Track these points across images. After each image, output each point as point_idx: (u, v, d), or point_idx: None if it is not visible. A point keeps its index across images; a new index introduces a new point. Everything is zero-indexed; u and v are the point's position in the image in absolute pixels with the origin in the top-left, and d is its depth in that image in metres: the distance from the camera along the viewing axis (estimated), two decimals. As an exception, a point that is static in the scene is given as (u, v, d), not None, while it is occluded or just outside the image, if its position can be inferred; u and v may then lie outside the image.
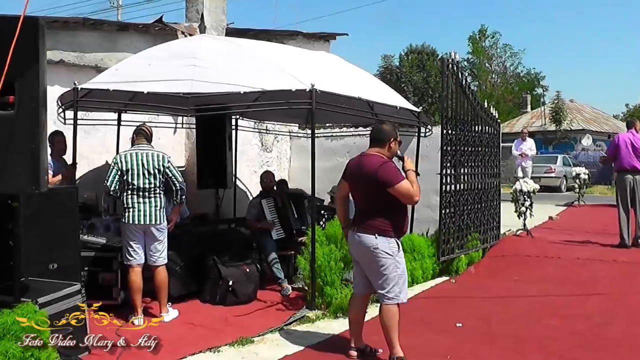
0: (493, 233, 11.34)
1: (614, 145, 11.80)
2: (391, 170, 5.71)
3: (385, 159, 5.82)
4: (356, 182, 5.95)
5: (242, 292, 8.11)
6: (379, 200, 5.75)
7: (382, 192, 5.70)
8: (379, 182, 5.67)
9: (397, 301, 5.75)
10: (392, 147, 5.92)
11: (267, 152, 13.27)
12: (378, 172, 5.68)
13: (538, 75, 72.27)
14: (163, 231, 7.25)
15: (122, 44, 10.84)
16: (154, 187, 7.16)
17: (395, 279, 5.75)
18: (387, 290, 5.74)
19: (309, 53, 10.36)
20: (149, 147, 7.33)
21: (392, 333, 5.73)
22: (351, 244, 5.99)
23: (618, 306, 7.92)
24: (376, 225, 5.73)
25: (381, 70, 55.35)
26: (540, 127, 51.31)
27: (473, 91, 10.76)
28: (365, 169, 5.81)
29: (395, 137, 5.96)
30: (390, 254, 5.72)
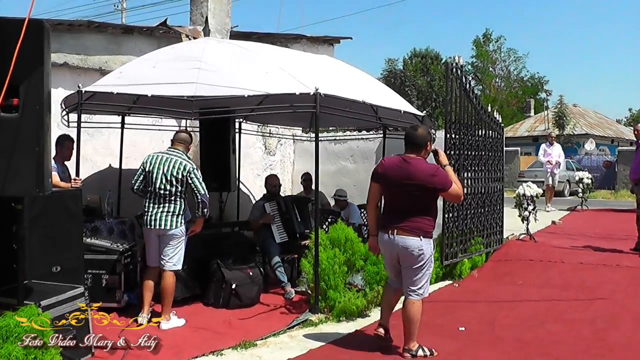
0: (496, 237, 11.33)
1: None
2: (444, 176, 5.99)
3: (436, 165, 6.06)
4: (398, 185, 6.04)
5: (246, 295, 8.10)
6: (425, 204, 6.00)
7: (431, 196, 5.99)
8: (436, 187, 5.92)
9: (423, 297, 6.08)
10: (428, 149, 6.13)
11: (270, 156, 13.29)
12: (434, 179, 5.90)
13: (542, 80, 72.38)
14: (176, 238, 7.17)
15: (127, 46, 10.85)
16: (170, 194, 7.11)
17: (427, 277, 6.08)
18: (419, 287, 6.06)
19: (312, 57, 10.38)
20: (177, 153, 7.25)
21: (415, 327, 6.05)
22: (389, 246, 6.12)
23: (622, 311, 7.90)
24: (421, 227, 5.97)
25: (385, 74, 55.41)
26: (543, 132, 51.27)
27: (477, 95, 10.76)
28: (416, 174, 5.93)
29: (430, 139, 6.16)
30: (430, 254, 6.04)
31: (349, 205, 10.68)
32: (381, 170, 6.20)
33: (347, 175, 12.50)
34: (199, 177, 7.17)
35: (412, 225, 5.95)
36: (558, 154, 19.13)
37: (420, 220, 5.97)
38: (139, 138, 10.07)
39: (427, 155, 6.16)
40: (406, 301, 6.10)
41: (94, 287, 7.19)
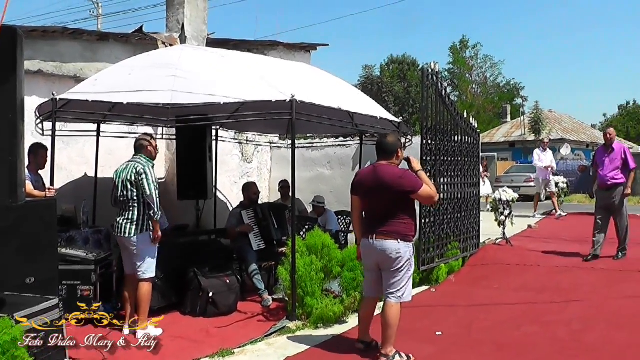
0: (473, 242, 11.38)
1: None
2: (413, 178, 6.13)
3: (404, 169, 6.20)
4: (372, 192, 6.21)
5: (223, 304, 8.09)
6: (399, 208, 6.10)
7: (404, 200, 6.11)
8: (405, 190, 6.05)
9: (403, 300, 6.16)
10: (399, 156, 6.29)
11: (247, 163, 13.26)
12: (402, 181, 6.05)
13: (518, 86, 72.98)
14: (137, 245, 7.08)
15: (102, 53, 10.79)
16: (128, 200, 7.07)
17: (407, 280, 6.16)
18: (398, 289, 6.14)
19: (289, 64, 10.38)
20: (135, 159, 7.22)
21: (393, 330, 6.09)
22: (369, 250, 6.25)
23: (597, 312, 7.98)
24: (398, 231, 6.08)
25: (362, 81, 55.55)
26: (519, 137, 51.71)
27: (453, 101, 10.82)
28: (385, 179, 6.10)
29: (400, 146, 6.37)
30: (409, 257, 6.13)
31: (326, 212, 10.69)
32: (356, 181, 6.41)
33: (324, 182, 12.51)
34: (149, 178, 7.02)
35: (390, 229, 6.07)
36: (551, 159, 19.06)
37: (397, 223, 6.08)
38: (115, 146, 10.00)
39: (400, 161, 6.31)
40: (385, 304, 6.17)
41: (69, 298, 7.12)
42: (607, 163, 10.99)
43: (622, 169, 10.95)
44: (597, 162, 11.24)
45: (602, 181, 11.00)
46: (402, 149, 6.40)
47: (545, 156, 18.85)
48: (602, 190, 11.06)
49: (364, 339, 6.48)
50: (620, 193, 10.90)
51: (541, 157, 18.88)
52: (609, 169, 10.94)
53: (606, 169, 10.96)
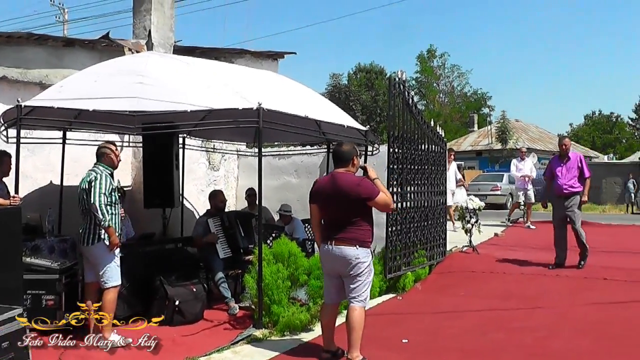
0: (439, 250, 11.44)
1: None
2: (369, 185, 6.24)
3: (360, 176, 6.30)
4: (330, 199, 6.31)
5: (189, 312, 8.05)
6: (357, 215, 6.20)
7: (362, 207, 6.19)
8: (362, 197, 6.14)
9: (364, 304, 6.27)
10: (355, 164, 6.40)
11: (214, 171, 13.22)
12: (359, 189, 6.15)
13: (485, 95, 73.58)
14: (95, 254, 7.02)
15: (68, 60, 10.69)
16: (86, 209, 7.01)
17: (368, 285, 6.27)
18: (360, 294, 6.24)
19: (256, 72, 10.37)
20: (93, 167, 7.17)
21: (358, 333, 6.16)
22: (328, 257, 6.34)
23: (562, 319, 8.07)
24: (357, 237, 6.19)
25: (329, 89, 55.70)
26: (486, 146, 52.08)
27: (420, 110, 10.88)
28: (342, 186, 6.21)
29: (356, 154, 6.44)
30: (368, 263, 6.22)
31: (293, 220, 10.68)
32: (315, 190, 6.51)
33: (291, 190, 12.50)
34: (97, 186, 6.88)
35: (348, 236, 6.18)
36: (530, 168, 18.84)
37: (355, 230, 6.19)
38: (81, 154, 9.87)
39: (356, 169, 6.43)
40: (349, 309, 6.24)
41: (33, 307, 7.02)
42: (564, 172, 11.12)
43: (578, 177, 11.10)
44: (552, 171, 11.34)
45: (560, 190, 11.10)
46: (358, 157, 6.51)
47: (523, 165, 18.68)
48: (560, 198, 11.16)
49: (329, 347, 6.50)
50: (577, 201, 11.05)
51: (518, 167, 18.73)
52: (567, 178, 11.07)
53: (564, 178, 11.08)
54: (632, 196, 29.33)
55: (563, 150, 11.30)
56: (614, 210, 30.30)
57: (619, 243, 14.86)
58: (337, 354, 6.44)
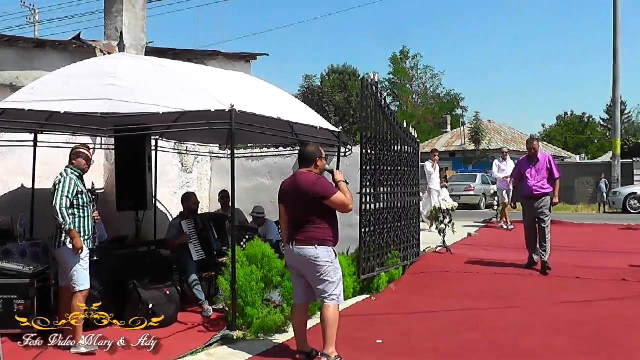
0: (413, 250, 11.47)
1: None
2: (326, 184, 6.32)
3: (318, 176, 6.35)
4: (292, 199, 6.40)
5: (163, 315, 8.00)
6: (316, 214, 6.26)
7: (320, 206, 6.24)
8: (318, 196, 6.20)
9: (338, 302, 6.30)
10: (319, 165, 6.45)
11: (187, 173, 13.17)
12: (316, 187, 6.22)
13: (458, 97, 73.85)
14: (62, 258, 6.94)
15: (39, 61, 10.61)
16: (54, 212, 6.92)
17: (337, 283, 6.30)
18: (330, 293, 6.28)
19: (229, 73, 10.36)
20: (63, 171, 7.07)
21: (333, 330, 6.23)
22: (291, 257, 6.42)
23: (535, 318, 8.15)
24: (315, 237, 6.24)
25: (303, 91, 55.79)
26: (460, 147, 52.35)
27: (393, 111, 10.91)
28: (301, 186, 6.30)
29: (320, 155, 6.49)
30: (330, 261, 6.24)
31: (266, 222, 10.67)
32: (281, 190, 6.60)
33: (265, 192, 12.44)
34: (59, 188, 6.81)
35: (307, 235, 6.26)
36: (512, 168, 17.44)
37: (313, 229, 6.27)
38: (53, 156, 9.78)
39: (320, 171, 6.48)
40: (322, 307, 6.30)
41: (5, 312, 6.97)
42: (533, 173, 11.13)
43: (548, 178, 11.14)
44: (521, 173, 11.36)
45: (530, 191, 11.11)
46: (322, 159, 6.55)
47: (505, 166, 18.29)
48: (531, 200, 11.17)
49: (303, 349, 6.52)
50: (548, 202, 11.07)
51: (501, 167, 18.47)
52: (537, 179, 11.10)
53: (533, 179, 11.10)
54: (604, 196, 29.61)
55: (532, 153, 11.30)
56: (587, 210, 30.59)
57: (592, 242, 15.05)
58: (311, 355, 6.45)
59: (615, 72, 30.85)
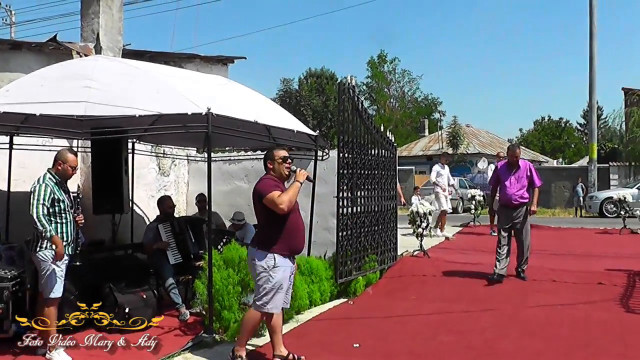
0: (390, 254, 11.50)
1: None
2: (263, 185, 6.26)
3: (267, 177, 6.35)
4: (253, 203, 6.40)
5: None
6: (261, 216, 6.32)
7: (261, 207, 6.22)
8: (259, 195, 6.20)
9: (262, 310, 6.25)
10: (274, 167, 6.40)
11: (164, 176, 13.12)
12: (256, 187, 6.26)
13: (435, 101, 74.10)
14: (38, 262, 6.80)
15: (15, 63, 10.55)
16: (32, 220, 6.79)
17: (265, 291, 6.20)
18: (257, 298, 6.30)
19: (206, 76, 10.34)
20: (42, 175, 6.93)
21: (242, 331, 6.47)
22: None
23: (510, 321, 8.24)
24: (257, 239, 6.38)
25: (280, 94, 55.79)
26: (438, 151, 52.50)
27: (370, 115, 10.95)
28: (253, 189, 6.33)
29: (271, 158, 6.44)
30: (265, 267, 6.17)
31: (245, 226, 10.63)
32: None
33: (242, 195, 12.40)
34: (34, 196, 6.66)
35: (254, 237, 6.51)
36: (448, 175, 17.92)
37: (260, 232, 6.46)
38: (28, 159, 9.72)
39: (279, 173, 6.39)
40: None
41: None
42: (512, 181, 10.63)
43: (527, 186, 10.67)
44: (500, 180, 10.83)
45: (508, 200, 10.59)
46: (275, 161, 6.39)
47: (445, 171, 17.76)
48: (509, 209, 10.63)
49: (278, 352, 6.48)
50: (526, 211, 10.62)
51: (440, 173, 17.73)
52: (516, 187, 10.59)
53: (513, 187, 10.59)
54: (581, 200, 29.86)
55: (514, 160, 10.71)
56: (564, 213, 30.83)
57: (568, 246, 15.19)
58: (287, 358, 6.43)
59: (592, 78, 31.23)
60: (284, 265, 6.24)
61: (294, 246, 6.38)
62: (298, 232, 6.40)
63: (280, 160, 6.38)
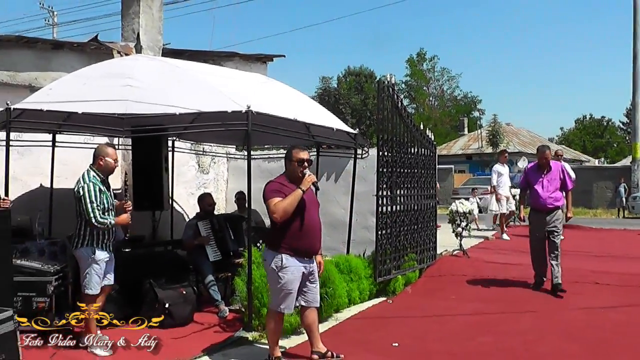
0: (429, 253, 11.44)
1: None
2: (268, 188, 6.28)
3: (275, 180, 6.39)
4: None
5: (179, 315, 8.02)
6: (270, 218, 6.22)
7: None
8: (263, 198, 6.20)
9: (275, 310, 6.27)
10: (289, 168, 6.41)
11: (204, 174, 13.21)
12: (263, 191, 6.24)
13: (475, 99, 73.55)
14: (77, 257, 6.97)
15: (57, 62, 10.66)
16: (77, 213, 6.90)
17: (274, 291, 6.27)
18: (271, 298, 6.44)
19: (245, 74, 10.39)
20: (85, 171, 7.02)
21: (269, 334, 6.46)
22: None
23: (550, 323, 8.11)
24: (268, 240, 6.36)
25: (319, 92, 55.86)
26: (477, 150, 52.17)
27: (409, 113, 10.89)
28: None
29: (288, 158, 6.45)
30: (274, 267, 6.17)
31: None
32: None
33: (282, 193, 12.47)
34: (87, 199, 6.74)
35: (266, 237, 6.51)
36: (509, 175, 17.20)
37: (270, 231, 6.40)
38: (70, 156, 9.86)
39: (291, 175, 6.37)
40: None
41: (24, 309, 6.99)
42: (545, 184, 9.98)
43: (559, 190, 10.04)
44: (530, 183, 10.20)
45: (541, 204, 9.97)
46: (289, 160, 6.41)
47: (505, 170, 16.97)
48: (541, 213, 9.99)
49: (316, 349, 6.50)
50: (560, 216, 10.06)
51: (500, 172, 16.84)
52: (549, 191, 9.94)
53: (545, 191, 9.94)
54: (623, 200, 29.43)
55: (544, 162, 10.05)
56: (606, 214, 30.40)
57: (610, 247, 14.93)
58: (325, 355, 6.43)
59: (635, 76, 30.76)
60: (294, 266, 6.18)
61: (307, 247, 6.31)
62: (311, 232, 6.32)
63: (296, 163, 6.33)
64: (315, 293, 6.48)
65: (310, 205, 6.31)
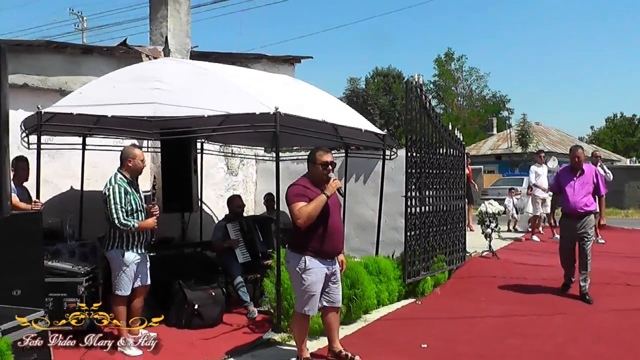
0: (459, 254, 11.39)
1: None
2: (291, 191, 6.24)
3: (298, 182, 6.32)
4: None
5: (208, 316, 8.07)
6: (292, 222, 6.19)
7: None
8: (286, 201, 6.18)
9: (299, 311, 6.29)
10: (313, 170, 6.34)
11: (233, 176, 13.26)
12: (286, 195, 6.22)
13: (503, 98, 73.03)
14: (109, 258, 7.10)
15: (86, 67, 10.75)
16: (105, 215, 6.99)
17: (299, 293, 6.28)
18: (295, 300, 6.45)
19: (273, 76, 10.40)
20: (114, 174, 7.13)
21: (295, 335, 6.55)
22: None
23: (581, 326, 8.04)
24: (291, 242, 6.33)
25: (347, 93, 55.72)
26: (506, 150, 51.82)
27: (438, 114, 10.85)
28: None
29: (312, 160, 6.37)
30: (297, 269, 6.18)
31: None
32: None
33: (310, 195, 12.50)
34: (111, 201, 6.85)
35: (289, 239, 6.46)
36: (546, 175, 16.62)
37: (292, 233, 6.36)
38: (100, 159, 9.95)
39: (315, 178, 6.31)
40: None
41: (55, 310, 7.07)
42: (577, 187, 9.56)
43: (592, 194, 9.64)
44: (561, 186, 9.78)
45: (572, 208, 9.54)
46: (313, 163, 6.34)
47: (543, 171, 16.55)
48: (572, 218, 9.57)
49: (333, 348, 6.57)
50: (591, 222, 9.68)
51: (538, 174, 16.48)
52: (581, 195, 9.52)
53: (577, 195, 9.52)
54: (657, 200, 29.08)
55: (576, 163, 9.64)
56: (637, 215, 30.00)
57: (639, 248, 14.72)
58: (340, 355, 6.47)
59: (666, 73, 30.31)
60: (317, 268, 6.19)
61: (329, 249, 6.30)
62: (333, 234, 6.30)
63: (320, 166, 6.27)
64: (337, 293, 6.49)
65: (333, 208, 6.31)
